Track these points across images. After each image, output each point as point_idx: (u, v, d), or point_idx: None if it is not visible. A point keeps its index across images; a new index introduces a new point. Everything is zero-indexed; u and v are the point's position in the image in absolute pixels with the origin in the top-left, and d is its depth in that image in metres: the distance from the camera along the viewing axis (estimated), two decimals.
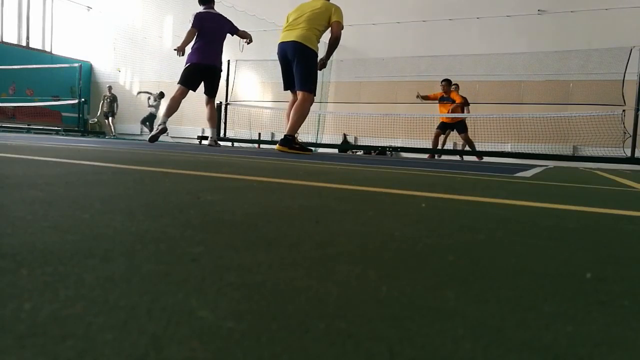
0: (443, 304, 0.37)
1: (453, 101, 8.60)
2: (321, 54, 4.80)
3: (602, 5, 9.44)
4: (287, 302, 0.35)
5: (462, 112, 8.95)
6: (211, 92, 6.21)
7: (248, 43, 6.25)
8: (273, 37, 6.30)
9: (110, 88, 13.84)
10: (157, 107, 13.04)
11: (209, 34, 6.01)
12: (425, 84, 9.61)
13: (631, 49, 7.49)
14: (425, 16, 10.85)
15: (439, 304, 0.37)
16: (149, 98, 13.20)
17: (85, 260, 0.43)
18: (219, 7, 13.13)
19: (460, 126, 8.70)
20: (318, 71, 4.80)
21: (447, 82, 8.72)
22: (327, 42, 4.67)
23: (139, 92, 13.46)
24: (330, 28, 4.54)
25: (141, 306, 0.32)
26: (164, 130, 6.10)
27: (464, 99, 8.90)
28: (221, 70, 6.15)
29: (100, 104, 13.68)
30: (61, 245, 0.48)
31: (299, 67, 4.54)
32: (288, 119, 4.77)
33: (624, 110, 7.25)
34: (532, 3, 10.12)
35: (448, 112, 8.61)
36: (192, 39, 5.77)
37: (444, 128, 8.83)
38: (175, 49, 5.96)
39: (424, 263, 0.50)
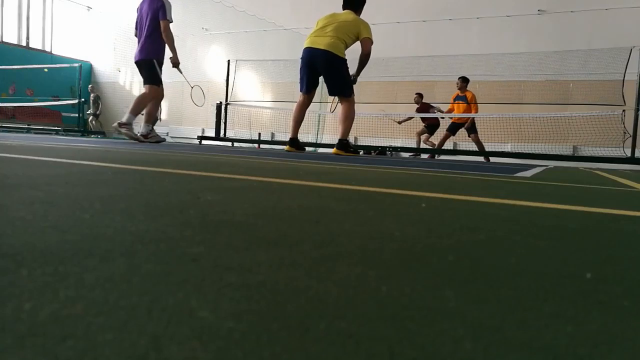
0: (443, 304, 0.37)
1: (467, 100, 8.45)
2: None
3: (602, 5, 9.44)
4: (287, 302, 0.35)
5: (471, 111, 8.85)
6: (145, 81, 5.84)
7: (173, 66, 6.13)
8: (273, 37, 6.30)
9: (92, 88, 13.78)
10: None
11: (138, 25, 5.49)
12: (425, 84, 9.61)
13: (631, 49, 7.49)
14: (425, 16, 10.85)
15: (439, 304, 0.37)
16: None
17: (85, 260, 0.43)
18: (219, 7, 13.09)
19: (470, 127, 8.55)
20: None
21: (462, 80, 8.47)
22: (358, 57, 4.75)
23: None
24: (360, 43, 4.63)
25: (141, 306, 0.32)
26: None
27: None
28: (148, 61, 5.56)
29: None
30: (61, 245, 0.48)
31: (335, 76, 4.68)
32: (295, 121, 5.09)
33: (624, 110, 7.25)
34: (532, 3, 10.12)
35: (462, 112, 8.47)
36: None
37: (454, 130, 8.70)
38: (174, 64, 5.78)
39: (424, 263, 0.50)
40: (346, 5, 4.85)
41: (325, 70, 4.71)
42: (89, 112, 13.58)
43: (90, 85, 13.94)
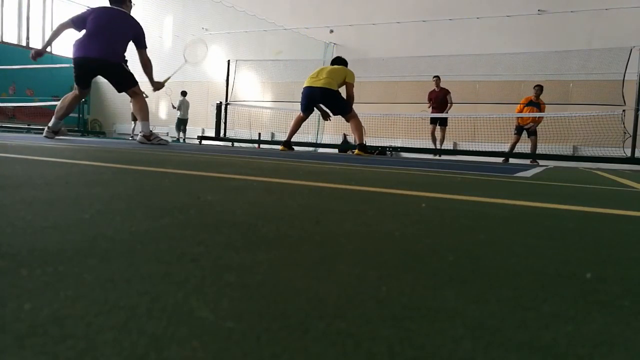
0: (443, 304, 0.37)
1: (539, 107, 8.52)
2: None
3: (602, 5, 9.44)
4: (287, 302, 0.35)
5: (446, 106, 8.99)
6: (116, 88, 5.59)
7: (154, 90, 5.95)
8: (273, 37, 6.31)
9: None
10: (184, 107, 12.75)
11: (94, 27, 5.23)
12: (426, 84, 9.61)
13: (631, 49, 7.49)
14: (425, 16, 10.85)
15: (439, 304, 0.37)
16: (174, 107, 12.92)
17: (85, 260, 0.43)
18: (219, 7, 13.08)
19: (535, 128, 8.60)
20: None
21: (539, 88, 8.51)
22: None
23: (175, 107, 13.12)
24: (345, 86, 6.03)
25: (141, 306, 0.32)
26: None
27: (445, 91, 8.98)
28: (118, 65, 5.35)
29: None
30: (61, 245, 0.48)
31: (333, 103, 6.06)
32: (292, 127, 6.51)
33: (624, 110, 7.25)
34: (532, 3, 10.11)
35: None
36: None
37: (521, 131, 8.74)
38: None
39: (424, 263, 0.50)
40: (335, 62, 6.32)
41: (324, 101, 6.13)
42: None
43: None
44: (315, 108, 6.41)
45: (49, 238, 0.51)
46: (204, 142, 10.09)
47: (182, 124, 12.78)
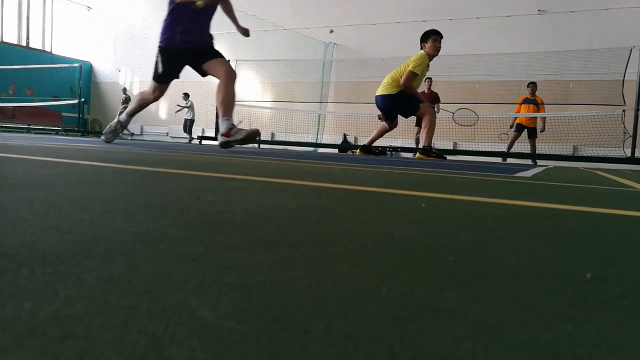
0: (443, 304, 0.37)
1: (537, 104, 8.53)
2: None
3: (602, 5, 9.44)
4: (287, 302, 0.35)
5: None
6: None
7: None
8: (273, 37, 6.30)
9: (125, 90, 13.74)
10: (190, 109, 12.77)
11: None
12: (425, 84, 9.61)
13: (631, 49, 7.49)
14: (425, 16, 10.84)
15: (439, 304, 0.37)
16: (181, 109, 12.90)
17: (85, 260, 0.43)
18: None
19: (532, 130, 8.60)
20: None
21: (533, 85, 8.57)
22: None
23: (177, 111, 13.10)
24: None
25: (141, 306, 0.32)
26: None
27: (435, 94, 8.97)
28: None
29: (121, 106, 13.63)
30: (61, 245, 0.48)
31: (397, 107, 5.75)
32: (377, 134, 6.07)
33: (624, 110, 7.25)
34: (532, 3, 10.11)
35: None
36: None
37: (521, 129, 8.76)
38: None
39: (424, 263, 0.50)
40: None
41: (391, 107, 5.77)
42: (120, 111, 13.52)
43: (123, 87, 13.92)
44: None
45: (49, 238, 0.51)
46: (204, 142, 10.09)
47: (192, 124, 12.82)
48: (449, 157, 7.63)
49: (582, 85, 9.29)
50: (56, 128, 13.55)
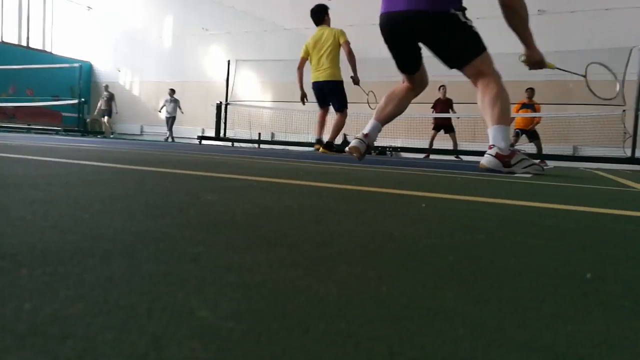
0: (443, 304, 0.37)
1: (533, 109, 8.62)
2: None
3: (602, 5, 9.44)
4: (287, 302, 0.35)
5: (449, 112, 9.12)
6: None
7: None
8: (273, 37, 6.31)
9: (106, 87, 13.71)
10: (175, 104, 12.65)
11: None
12: (430, 85, 9.63)
13: (631, 49, 7.49)
14: None
15: (439, 304, 0.37)
16: (163, 106, 12.80)
17: (85, 260, 0.43)
18: (218, 7, 13.09)
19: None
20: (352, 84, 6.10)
21: (531, 90, 8.74)
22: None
23: (159, 110, 13.01)
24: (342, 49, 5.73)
25: (141, 306, 0.32)
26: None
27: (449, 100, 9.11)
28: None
29: (99, 103, 13.59)
30: (61, 245, 0.48)
31: (335, 96, 5.94)
32: (320, 126, 6.23)
33: (624, 110, 7.25)
34: (532, 3, 10.09)
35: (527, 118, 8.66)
36: None
37: (519, 134, 8.87)
38: None
39: (424, 263, 0.50)
40: (315, 22, 5.94)
41: (328, 92, 5.96)
42: (100, 109, 13.43)
43: (105, 84, 13.88)
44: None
45: (49, 238, 0.51)
46: (204, 142, 10.09)
47: (173, 122, 12.68)
48: (449, 157, 7.64)
49: (582, 85, 9.28)
50: (56, 128, 13.55)
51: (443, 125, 9.29)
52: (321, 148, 6.10)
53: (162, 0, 14.14)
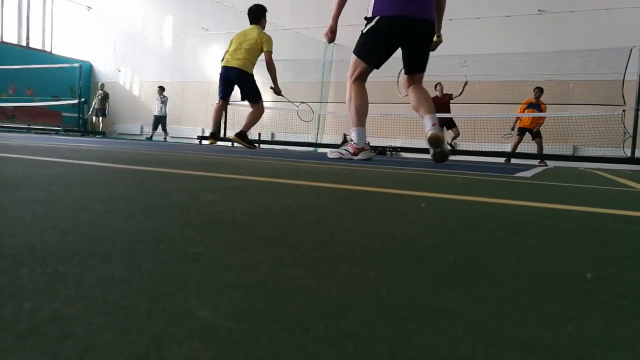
0: (443, 304, 0.37)
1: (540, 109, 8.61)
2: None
3: (602, 5, 9.44)
4: (287, 302, 0.35)
5: (450, 111, 9.10)
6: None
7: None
8: (273, 37, 6.32)
9: (102, 85, 13.65)
10: (165, 103, 12.56)
11: None
12: (425, 84, 9.62)
13: (631, 49, 7.49)
14: None
15: (439, 304, 0.37)
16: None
17: (85, 260, 0.43)
18: (218, 7, 13.07)
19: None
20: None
21: (539, 90, 8.68)
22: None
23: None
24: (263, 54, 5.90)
25: (141, 306, 0.32)
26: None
27: (448, 95, 9.07)
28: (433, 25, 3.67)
29: (93, 101, 13.53)
30: (61, 245, 0.48)
31: (247, 87, 6.13)
32: (216, 120, 6.31)
33: (624, 110, 7.25)
34: (532, 3, 10.11)
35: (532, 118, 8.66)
36: None
37: (523, 132, 8.85)
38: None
39: (424, 263, 0.50)
40: (251, 21, 6.06)
41: (239, 82, 6.05)
42: (94, 108, 13.35)
43: (100, 83, 13.83)
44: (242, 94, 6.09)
45: (49, 238, 0.51)
46: (204, 142, 10.08)
47: (164, 121, 12.58)
48: (449, 157, 7.66)
49: (582, 85, 9.29)
50: (56, 128, 13.54)
51: (444, 123, 9.27)
52: (234, 136, 6.16)
53: (162, 0, 14.14)
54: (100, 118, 13.41)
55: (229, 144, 10.33)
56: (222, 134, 10.10)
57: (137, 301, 0.33)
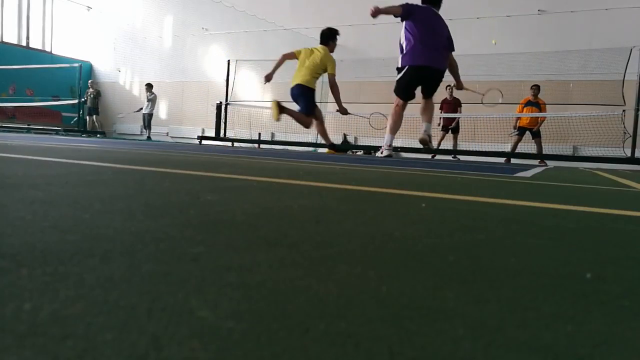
0: (443, 304, 0.37)
1: (539, 107, 8.66)
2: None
3: (602, 5, 9.43)
4: (287, 302, 0.35)
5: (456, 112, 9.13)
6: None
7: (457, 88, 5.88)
8: (273, 37, 6.35)
9: (92, 83, 13.54)
10: (153, 101, 12.45)
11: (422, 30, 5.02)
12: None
13: (631, 49, 7.49)
14: None
15: (439, 304, 0.37)
16: (140, 109, 12.54)
17: (85, 260, 0.43)
18: (218, 7, 13.07)
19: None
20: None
21: (537, 87, 8.69)
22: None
23: (136, 110, 12.77)
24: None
25: (141, 306, 0.32)
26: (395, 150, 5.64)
27: (457, 100, 9.13)
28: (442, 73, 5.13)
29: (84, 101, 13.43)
30: (61, 245, 0.48)
31: (309, 101, 6.54)
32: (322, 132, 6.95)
33: (624, 110, 7.25)
34: (532, 3, 10.10)
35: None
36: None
37: (523, 131, 8.85)
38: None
39: (424, 263, 0.50)
40: (321, 41, 6.42)
41: (299, 95, 6.54)
42: (86, 105, 13.20)
43: (90, 81, 13.73)
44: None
45: (49, 238, 0.51)
46: (204, 142, 10.09)
47: (150, 119, 12.44)
48: (448, 157, 7.67)
49: (582, 85, 9.28)
50: (56, 128, 13.54)
51: (449, 126, 9.30)
52: (327, 151, 6.81)
53: (162, 0, 14.14)
54: (94, 117, 13.29)
55: (229, 144, 10.33)
56: (221, 134, 10.11)
57: (137, 301, 0.33)
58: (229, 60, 10.84)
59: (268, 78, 6.57)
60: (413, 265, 0.49)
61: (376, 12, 4.98)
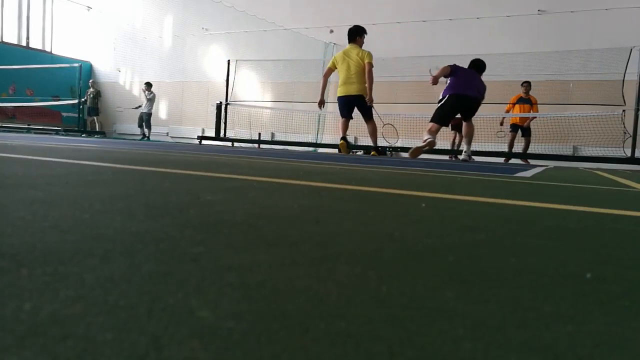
0: (443, 304, 0.37)
1: (530, 102, 8.67)
2: None
3: (602, 5, 9.43)
4: (287, 302, 0.35)
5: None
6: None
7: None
8: (273, 37, 6.36)
9: (92, 83, 13.49)
10: (152, 100, 12.37)
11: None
12: (426, 84, 9.61)
13: (631, 49, 7.49)
14: (425, 16, 10.84)
15: (439, 304, 0.37)
16: (139, 106, 12.49)
17: (85, 260, 0.43)
18: (218, 7, 13.06)
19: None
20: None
21: (528, 84, 8.68)
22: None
23: (135, 107, 12.70)
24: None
25: (141, 306, 0.32)
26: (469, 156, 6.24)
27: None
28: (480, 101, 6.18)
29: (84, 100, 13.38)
30: (61, 245, 0.48)
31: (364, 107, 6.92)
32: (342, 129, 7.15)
33: (624, 110, 7.25)
34: (532, 3, 10.11)
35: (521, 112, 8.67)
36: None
37: (516, 128, 8.85)
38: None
39: (424, 263, 0.50)
40: (349, 40, 6.63)
41: (358, 105, 6.78)
42: (86, 105, 13.13)
43: (91, 80, 13.70)
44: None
45: (49, 238, 0.51)
46: (204, 142, 10.09)
47: (149, 118, 12.37)
48: (448, 157, 7.70)
49: (582, 85, 9.28)
50: (56, 128, 13.54)
51: (458, 125, 9.28)
52: (372, 153, 7.25)
53: (162, 0, 14.14)
54: (95, 118, 13.24)
55: (229, 143, 10.33)
56: (221, 134, 10.12)
57: (137, 301, 0.33)
58: (229, 60, 10.84)
59: (321, 103, 6.94)
60: (413, 265, 0.49)
61: (435, 80, 6.03)
